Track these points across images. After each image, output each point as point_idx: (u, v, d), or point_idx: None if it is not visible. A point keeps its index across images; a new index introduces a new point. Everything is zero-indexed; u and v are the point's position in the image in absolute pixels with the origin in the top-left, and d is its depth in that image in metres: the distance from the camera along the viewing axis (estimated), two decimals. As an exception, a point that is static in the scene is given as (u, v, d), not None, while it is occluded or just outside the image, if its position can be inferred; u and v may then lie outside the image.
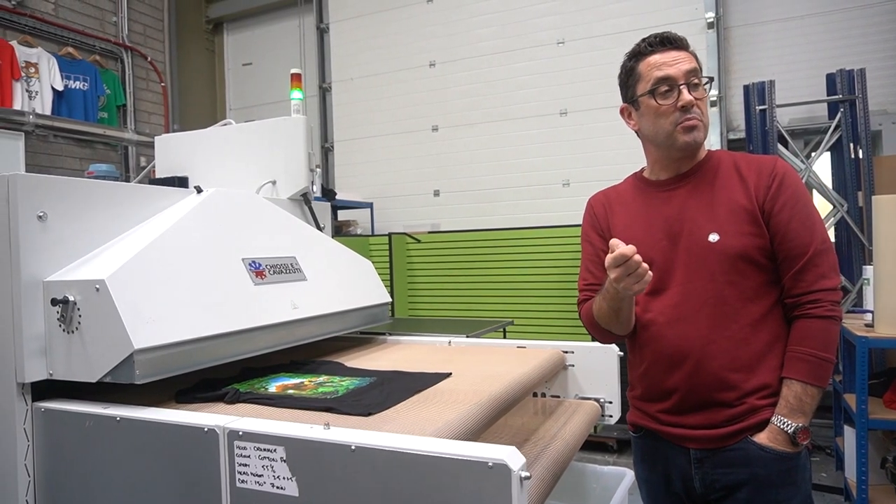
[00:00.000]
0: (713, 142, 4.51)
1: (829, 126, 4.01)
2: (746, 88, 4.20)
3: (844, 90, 3.99)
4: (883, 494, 2.76)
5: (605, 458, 3.94)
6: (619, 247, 1.24)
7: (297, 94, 2.16)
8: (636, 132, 1.55)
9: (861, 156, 3.92)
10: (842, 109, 3.98)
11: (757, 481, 1.37)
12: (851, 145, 3.96)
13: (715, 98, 4.53)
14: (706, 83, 1.45)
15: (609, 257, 1.25)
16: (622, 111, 1.56)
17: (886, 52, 4.27)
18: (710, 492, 1.44)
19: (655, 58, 1.43)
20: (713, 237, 1.40)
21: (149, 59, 5.98)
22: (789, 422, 1.34)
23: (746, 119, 4.22)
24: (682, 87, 1.40)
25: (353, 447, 0.92)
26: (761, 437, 1.36)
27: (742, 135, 4.41)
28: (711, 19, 4.56)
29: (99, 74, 5.44)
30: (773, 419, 1.36)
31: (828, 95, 4.10)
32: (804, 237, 1.37)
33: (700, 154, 1.50)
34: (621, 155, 4.58)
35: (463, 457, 0.86)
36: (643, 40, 1.47)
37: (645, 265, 1.25)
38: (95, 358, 1.16)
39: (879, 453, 2.85)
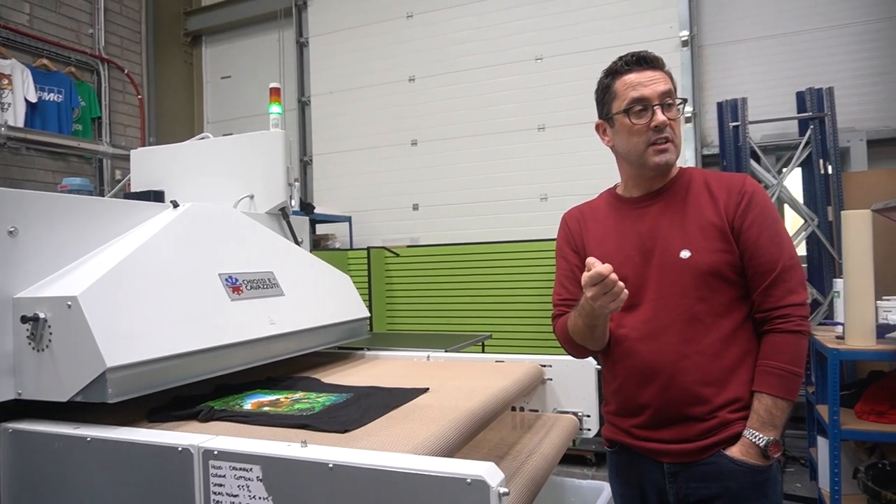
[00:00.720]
0: (688, 157, 4.59)
1: (800, 142, 4.11)
2: (720, 105, 4.28)
3: (814, 108, 4.09)
4: (855, 504, 2.80)
5: (584, 472, 3.95)
6: (596, 265, 1.25)
7: (275, 109, 2.16)
8: (611, 148, 1.58)
9: (830, 171, 4.02)
10: (811, 126, 4.08)
11: (729, 495, 1.39)
12: (821, 161, 4.05)
13: (689, 114, 4.61)
14: (680, 104, 1.48)
15: (585, 276, 1.26)
16: (597, 127, 1.58)
17: (854, 71, 4.40)
18: (685, 505, 1.46)
19: (631, 77, 1.46)
20: (685, 254, 1.43)
21: (125, 71, 5.92)
22: (760, 435, 1.36)
23: (720, 135, 4.30)
24: (656, 107, 1.42)
25: (330, 465, 0.92)
26: (733, 451, 1.38)
27: (716, 150, 4.49)
28: (686, 37, 4.66)
29: (74, 86, 5.37)
30: (745, 433, 1.38)
31: (798, 113, 4.20)
32: (773, 253, 1.40)
33: (672, 171, 1.53)
34: (599, 170, 4.62)
35: (441, 473, 0.86)
36: (620, 58, 1.50)
37: (621, 284, 1.26)
38: (66, 376, 1.15)
39: (852, 463, 2.89)
